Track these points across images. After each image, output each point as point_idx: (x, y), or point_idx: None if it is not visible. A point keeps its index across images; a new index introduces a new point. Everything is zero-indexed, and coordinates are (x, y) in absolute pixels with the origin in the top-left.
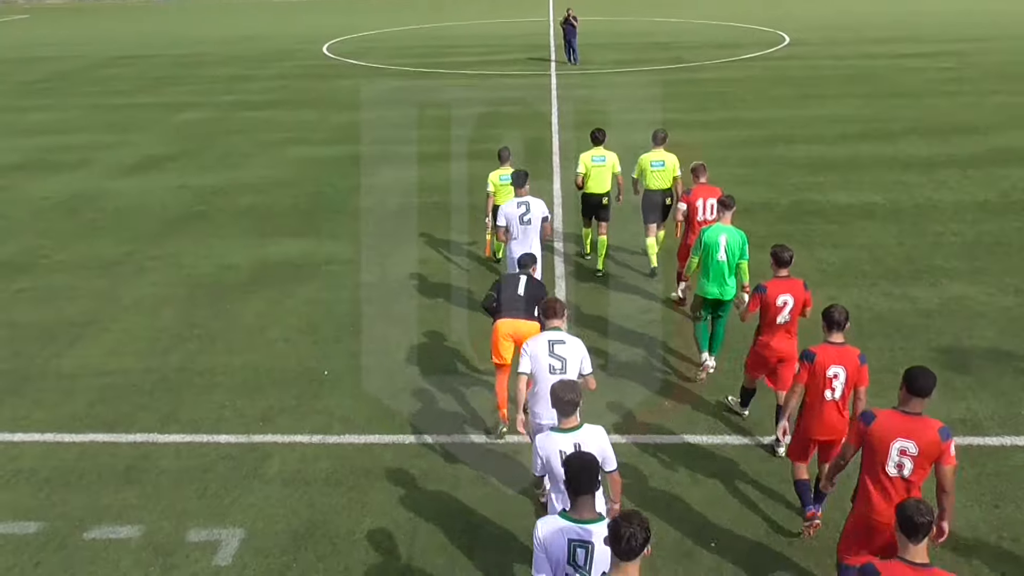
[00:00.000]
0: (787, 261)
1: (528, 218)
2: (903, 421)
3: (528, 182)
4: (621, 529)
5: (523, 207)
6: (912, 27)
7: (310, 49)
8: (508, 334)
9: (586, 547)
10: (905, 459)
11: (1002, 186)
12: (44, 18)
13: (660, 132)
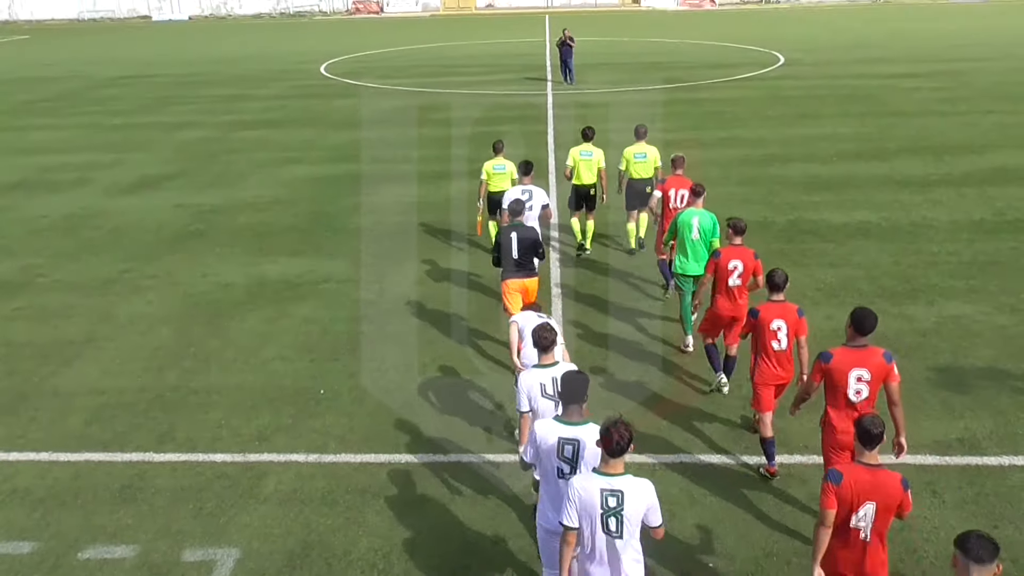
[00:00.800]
0: (742, 230)
1: (530, 205)
2: (855, 354)
3: (532, 171)
4: (612, 433)
5: (526, 194)
6: (905, 47)
7: (308, 69)
8: (515, 290)
9: (573, 444)
10: (861, 384)
11: (997, 205)
12: (45, 38)
13: (641, 127)
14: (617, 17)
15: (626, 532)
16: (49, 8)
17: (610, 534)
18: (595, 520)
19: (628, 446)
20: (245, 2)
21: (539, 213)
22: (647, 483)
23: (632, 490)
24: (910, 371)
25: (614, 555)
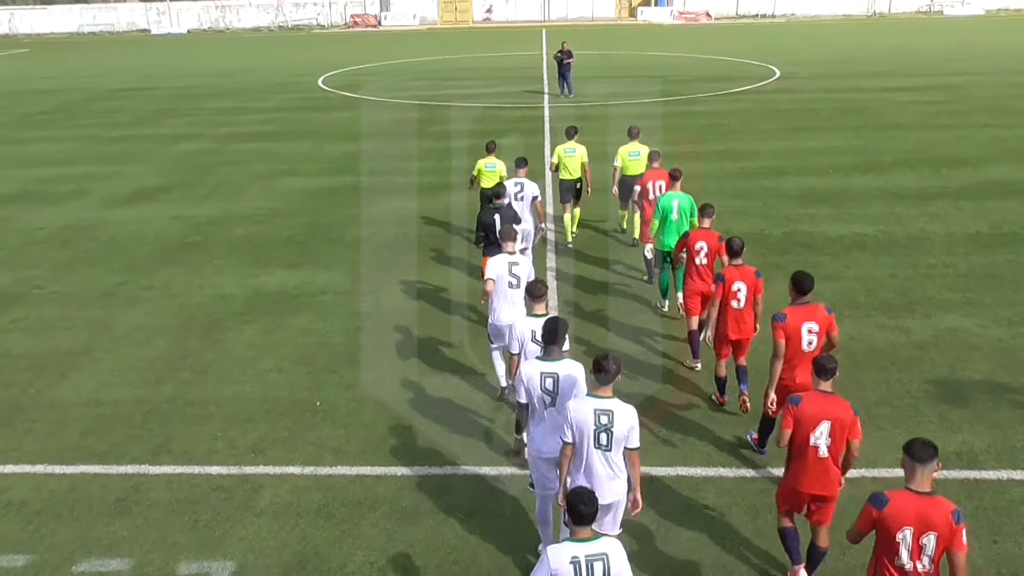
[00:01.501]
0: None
1: (522, 196)
2: (803, 310)
3: (526, 166)
4: (603, 362)
5: (519, 186)
6: (901, 61)
7: (306, 82)
8: None
9: (553, 377)
10: (812, 336)
11: (993, 218)
12: (44, 52)
13: (634, 128)
14: (614, 31)
15: (614, 446)
16: (49, 22)
17: (601, 448)
18: (589, 436)
19: (617, 373)
20: (244, 15)
21: (530, 203)
22: (632, 407)
23: (620, 410)
24: (907, 384)
25: (603, 467)
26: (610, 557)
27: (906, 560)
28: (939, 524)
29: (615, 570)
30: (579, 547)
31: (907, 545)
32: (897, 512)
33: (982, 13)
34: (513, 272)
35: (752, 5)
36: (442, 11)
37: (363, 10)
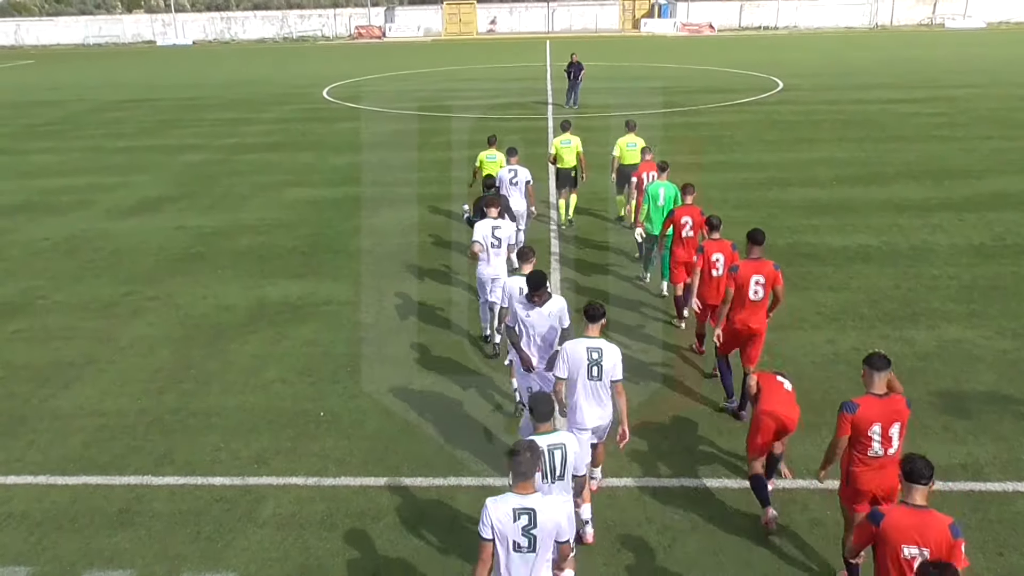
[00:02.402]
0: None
1: (516, 181)
2: (753, 264)
3: (517, 154)
4: (592, 307)
5: (512, 172)
6: (903, 74)
7: (310, 93)
8: None
9: (529, 308)
10: (758, 286)
11: (996, 230)
12: (50, 63)
13: (631, 121)
14: (617, 42)
15: (604, 376)
16: (55, 33)
17: (592, 378)
18: (582, 369)
19: (603, 316)
20: (248, 27)
21: (523, 187)
22: (616, 346)
23: (608, 347)
24: (911, 396)
25: (594, 397)
26: (567, 446)
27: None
28: (935, 540)
29: (571, 455)
30: (542, 439)
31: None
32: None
33: (983, 26)
34: (495, 235)
35: (755, 17)
36: (446, 23)
37: (368, 22)
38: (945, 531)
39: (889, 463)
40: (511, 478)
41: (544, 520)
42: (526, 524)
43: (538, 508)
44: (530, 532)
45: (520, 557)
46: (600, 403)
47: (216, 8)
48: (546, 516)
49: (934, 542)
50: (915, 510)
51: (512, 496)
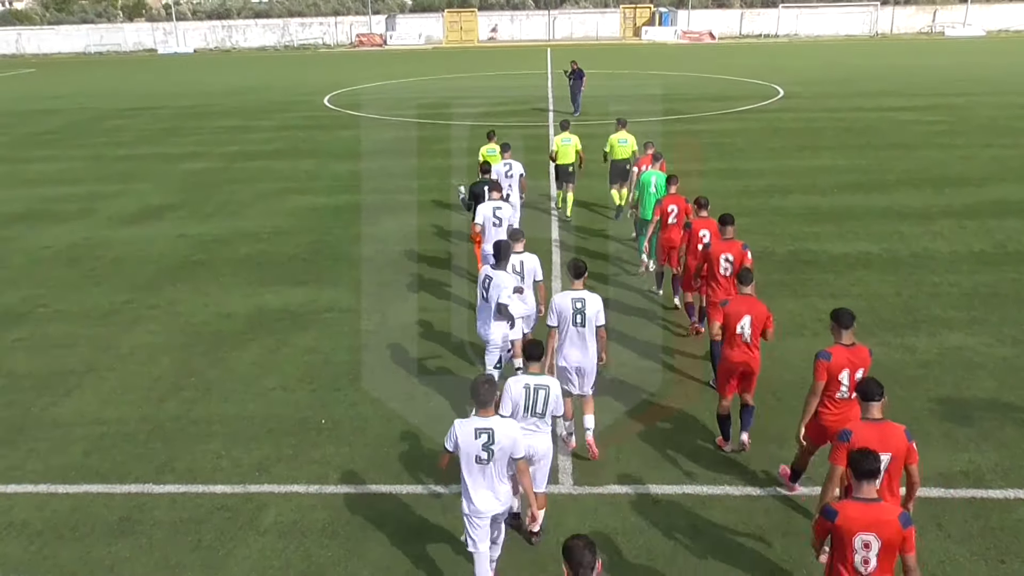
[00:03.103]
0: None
1: (510, 174)
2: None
3: (510, 150)
4: (575, 264)
5: (507, 165)
6: (902, 82)
7: (311, 101)
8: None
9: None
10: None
11: (997, 237)
12: (51, 71)
13: (622, 119)
14: (618, 50)
15: (587, 324)
16: (56, 42)
17: (577, 327)
18: (568, 318)
19: (585, 271)
20: (250, 35)
21: (517, 179)
22: (598, 296)
23: (590, 298)
24: (911, 403)
25: (580, 342)
26: (551, 388)
27: (859, 565)
28: (887, 530)
29: (553, 397)
30: (530, 378)
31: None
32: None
33: (983, 34)
34: (496, 215)
35: (755, 25)
36: (447, 31)
37: (369, 29)
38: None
39: (851, 405)
40: (475, 405)
41: (501, 438)
42: (485, 441)
43: (496, 428)
44: (489, 447)
45: (480, 468)
46: (583, 347)
47: (217, 16)
48: (502, 434)
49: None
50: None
51: (475, 419)
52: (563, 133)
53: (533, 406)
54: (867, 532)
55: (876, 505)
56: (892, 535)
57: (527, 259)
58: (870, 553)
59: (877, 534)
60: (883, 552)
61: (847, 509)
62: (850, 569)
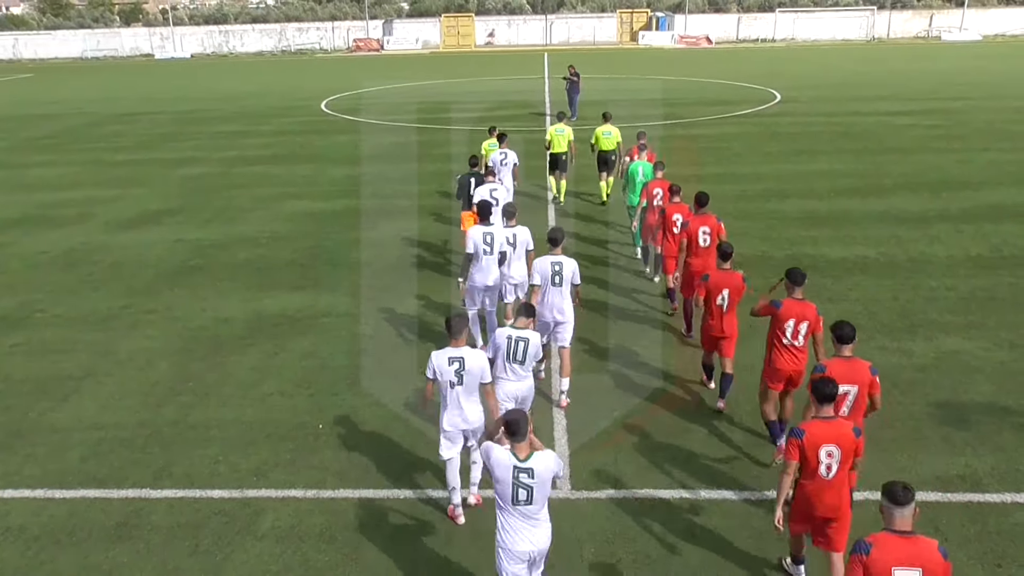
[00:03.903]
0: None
1: (505, 162)
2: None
3: (507, 139)
4: (553, 233)
5: (503, 155)
6: (899, 86)
7: (309, 106)
8: (469, 216)
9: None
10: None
11: (993, 241)
12: (49, 76)
13: (607, 113)
14: (615, 54)
15: (564, 283)
16: (53, 47)
17: (555, 284)
18: (548, 279)
19: (564, 239)
20: (247, 40)
21: (511, 168)
22: (573, 260)
23: (567, 261)
24: (909, 407)
25: (558, 298)
26: (531, 340)
27: (823, 471)
28: (845, 440)
29: (533, 347)
30: (513, 331)
31: (823, 460)
32: (883, 556)
33: (979, 39)
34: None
35: (752, 30)
36: (444, 35)
37: (366, 34)
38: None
39: (798, 351)
40: (448, 336)
41: (471, 365)
42: (458, 368)
43: (466, 357)
44: (460, 373)
45: (452, 392)
46: (561, 303)
47: (214, 21)
48: (472, 363)
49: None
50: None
51: (449, 349)
52: (557, 124)
53: (513, 354)
54: (830, 444)
55: (835, 422)
56: (849, 444)
57: (520, 232)
58: (832, 461)
59: (838, 444)
60: (843, 459)
61: (812, 427)
62: (817, 478)
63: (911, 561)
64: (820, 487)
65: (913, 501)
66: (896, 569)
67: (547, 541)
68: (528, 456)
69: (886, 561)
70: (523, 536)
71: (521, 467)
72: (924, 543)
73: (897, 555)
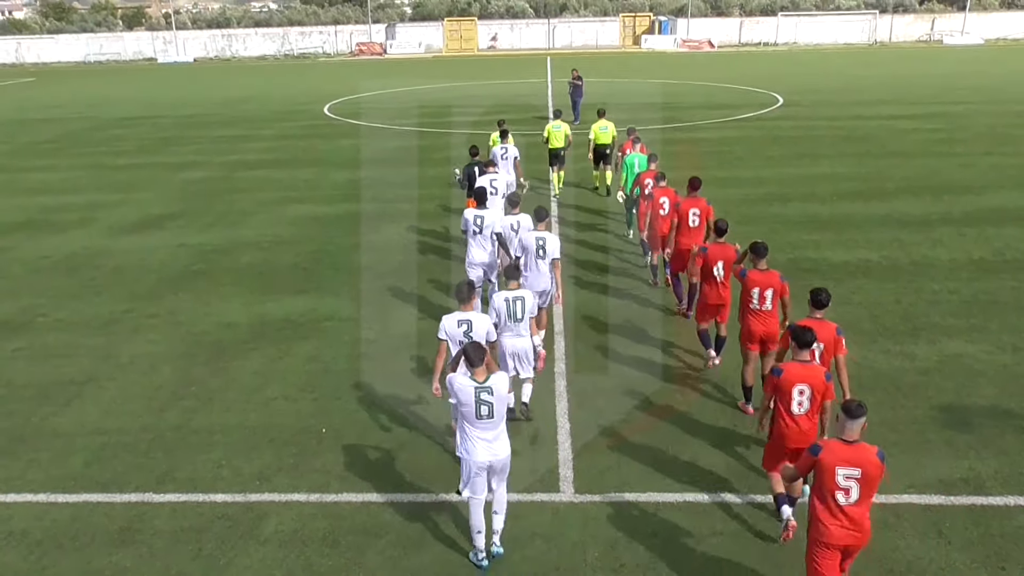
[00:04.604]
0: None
1: (506, 156)
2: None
3: (509, 135)
4: (538, 211)
5: (504, 149)
6: (901, 90)
7: (312, 110)
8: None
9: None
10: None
11: (996, 245)
12: (51, 81)
13: (602, 109)
14: (618, 58)
15: (546, 256)
16: (56, 51)
17: (539, 257)
18: (533, 252)
19: (548, 216)
20: (250, 44)
21: (512, 162)
22: (556, 235)
23: (550, 236)
24: (912, 410)
25: (541, 270)
26: (526, 299)
27: (795, 408)
28: (816, 380)
29: (529, 304)
30: (509, 293)
31: (795, 397)
32: (830, 457)
33: (981, 43)
34: (492, 185)
35: (755, 34)
36: (447, 39)
37: (368, 38)
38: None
39: (767, 315)
40: (458, 302)
41: (477, 327)
42: (466, 329)
43: (474, 320)
44: (468, 334)
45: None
46: (543, 273)
47: (217, 25)
48: (478, 325)
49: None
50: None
51: (458, 313)
52: (555, 121)
53: (513, 313)
54: (802, 383)
55: (810, 365)
56: (820, 385)
57: (523, 219)
58: (804, 398)
59: (810, 384)
60: (813, 398)
61: (789, 367)
62: (790, 412)
63: (853, 462)
64: (792, 422)
65: (863, 417)
66: (839, 467)
67: (506, 452)
68: (486, 378)
69: (832, 462)
70: (484, 447)
71: (481, 387)
72: (866, 448)
73: (842, 457)
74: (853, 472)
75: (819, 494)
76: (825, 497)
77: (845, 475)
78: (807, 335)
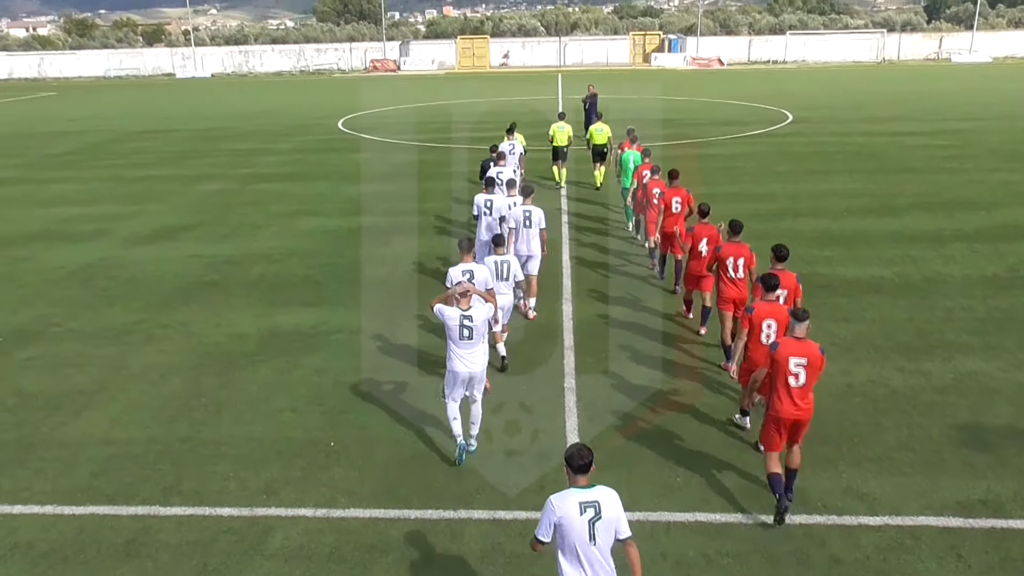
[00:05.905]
0: (649, 153)
1: (514, 151)
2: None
3: (515, 130)
4: (525, 187)
5: (512, 144)
6: (910, 107)
7: (326, 124)
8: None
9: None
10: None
11: (1009, 261)
12: (72, 95)
13: (600, 113)
14: (628, 75)
15: (533, 226)
16: (77, 66)
17: (526, 227)
18: (521, 222)
19: (532, 191)
20: (266, 60)
21: (519, 157)
22: (541, 208)
23: (535, 210)
24: (928, 429)
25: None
26: (512, 263)
27: (764, 339)
28: (781, 315)
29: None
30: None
31: (765, 330)
32: (785, 350)
33: (989, 60)
34: (499, 177)
35: (764, 52)
36: (460, 56)
37: (383, 55)
38: (816, 351)
39: (739, 282)
40: (460, 252)
41: (479, 276)
42: (469, 277)
43: (475, 269)
44: (471, 281)
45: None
46: (530, 242)
47: (235, 42)
48: (480, 274)
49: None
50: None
51: (461, 264)
52: (559, 122)
53: (500, 274)
54: (771, 318)
55: (776, 304)
56: (784, 319)
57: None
58: (771, 331)
59: (775, 319)
60: (778, 330)
61: (760, 306)
62: (759, 343)
63: (802, 353)
64: (762, 350)
65: (807, 320)
66: (792, 357)
67: (481, 366)
68: (468, 308)
69: (786, 353)
70: (464, 361)
71: (465, 315)
72: (811, 344)
73: (793, 350)
74: (802, 361)
75: (777, 380)
76: (781, 382)
77: (796, 363)
78: (772, 280)
